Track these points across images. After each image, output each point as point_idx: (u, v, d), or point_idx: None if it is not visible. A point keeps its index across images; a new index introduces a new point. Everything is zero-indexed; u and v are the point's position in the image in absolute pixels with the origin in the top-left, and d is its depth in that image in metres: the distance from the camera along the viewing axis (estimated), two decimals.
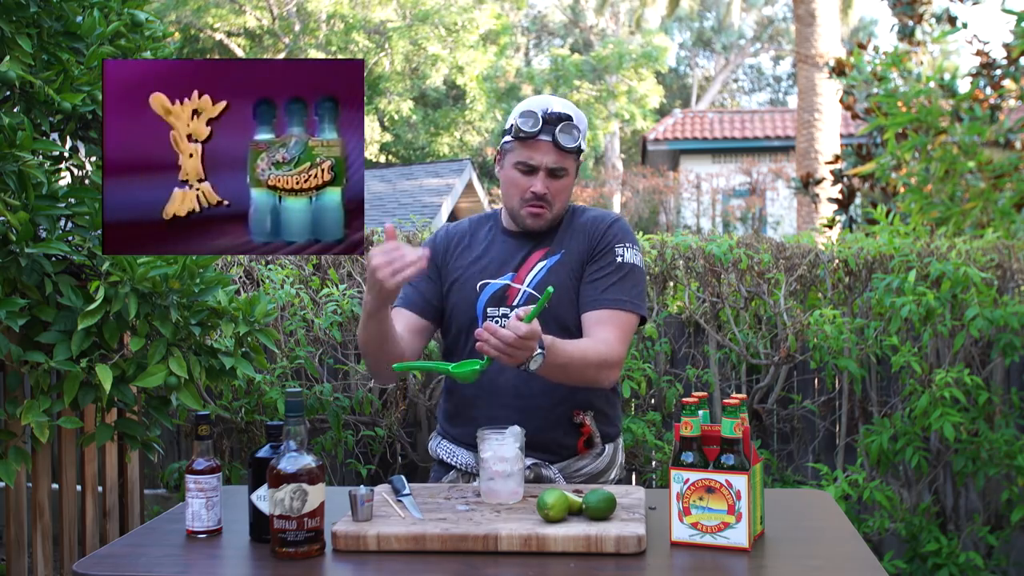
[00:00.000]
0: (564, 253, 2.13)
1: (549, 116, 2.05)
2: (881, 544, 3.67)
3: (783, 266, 3.80)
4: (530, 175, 2.08)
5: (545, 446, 2.07)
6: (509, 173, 2.12)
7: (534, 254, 2.14)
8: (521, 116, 2.06)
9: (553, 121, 2.05)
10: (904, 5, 8.42)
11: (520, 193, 2.10)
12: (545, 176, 2.07)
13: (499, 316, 2.09)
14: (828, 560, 1.63)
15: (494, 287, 2.12)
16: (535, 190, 2.07)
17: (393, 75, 19.91)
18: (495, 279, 2.13)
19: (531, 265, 2.13)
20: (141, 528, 1.91)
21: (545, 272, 2.11)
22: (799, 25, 11.12)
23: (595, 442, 2.13)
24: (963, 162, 5.30)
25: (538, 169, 2.07)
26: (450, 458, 2.15)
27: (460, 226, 2.27)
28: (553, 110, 2.06)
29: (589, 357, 1.98)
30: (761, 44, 31.04)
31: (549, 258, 2.13)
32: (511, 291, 2.11)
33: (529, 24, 28.29)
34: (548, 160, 2.06)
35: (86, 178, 2.68)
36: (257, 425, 3.49)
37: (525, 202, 2.10)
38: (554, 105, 2.08)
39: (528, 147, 2.07)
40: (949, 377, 3.35)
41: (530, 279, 2.11)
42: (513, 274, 2.12)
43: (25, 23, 2.42)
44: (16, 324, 2.29)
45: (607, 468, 2.16)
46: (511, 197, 2.13)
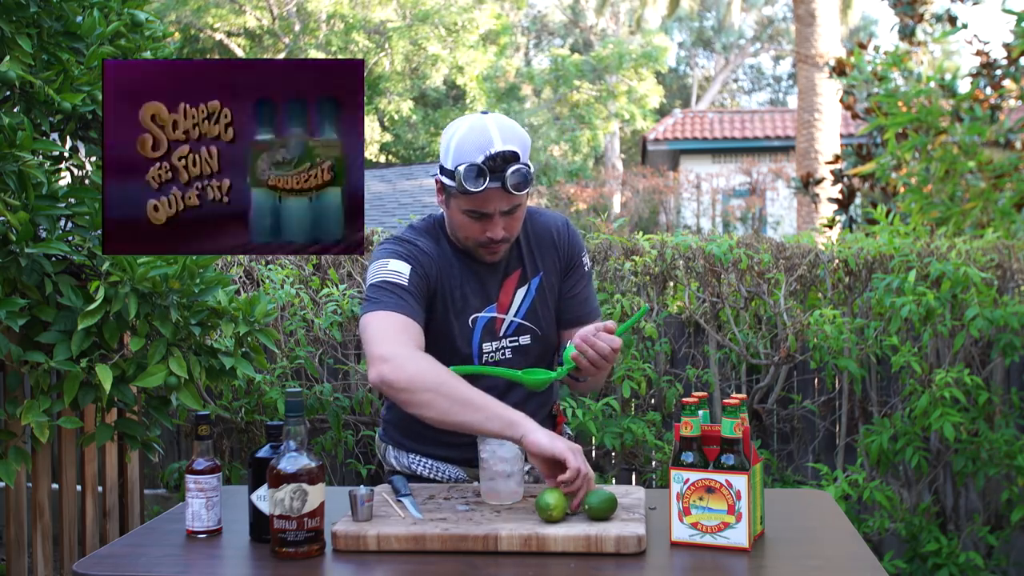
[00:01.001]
0: (543, 275, 2.08)
1: (494, 162, 1.84)
2: (881, 544, 3.67)
3: (783, 266, 3.80)
4: (483, 221, 1.93)
5: None
6: (457, 217, 1.95)
7: (507, 281, 2.05)
8: (465, 171, 1.84)
9: (499, 167, 1.85)
10: (904, 5, 8.41)
11: (474, 237, 1.95)
12: (498, 219, 1.92)
13: (492, 350, 2.02)
14: (828, 560, 1.63)
15: (483, 320, 2.02)
16: (491, 235, 1.93)
17: (393, 75, 19.90)
18: (479, 312, 2.02)
19: (510, 292, 2.04)
20: (141, 528, 1.91)
21: (531, 300, 2.05)
22: (799, 25, 11.12)
23: (567, 432, 2.18)
24: (963, 162, 5.30)
25: (492, 215, 1.91)
26: (433, 473, 2.08)
27: (429, 246, 2.02)
28: (496, 150, 1.84)
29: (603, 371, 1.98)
30: (761, 44, 31.04)
31: (529, 282, 2.06)
32: (497, 322, 2.03)
33: (529, 24, 28.29)
34: (502, 205, 1.90)
35: (86, 178, 2.68)
36: (257, 425, 3.49)
37: (481, 245, 1.97)
38: (495, 141, 1.86)
39: (476, 199, 1.89)
40: (949, 377, 3.35)
41: (515, 308, 2.04)
42: (494, 304, 2.03)
43: (25, 23, 2.42)
44: (16, 324, 2.29)
45: None
46: (463, 236, 1.98)
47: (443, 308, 2.00)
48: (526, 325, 2.05)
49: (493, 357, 2.03)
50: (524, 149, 1.90)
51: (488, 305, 2.03)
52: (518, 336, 2.05)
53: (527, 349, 2.06)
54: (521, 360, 2.05)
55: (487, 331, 2.02)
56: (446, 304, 2.00)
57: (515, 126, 1.93)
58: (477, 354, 2.02)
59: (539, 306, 2.06)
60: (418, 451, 2.11)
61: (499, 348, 2.04)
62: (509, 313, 2.04)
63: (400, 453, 2.14)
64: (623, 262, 3.79)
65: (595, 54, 21.90)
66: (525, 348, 2.05)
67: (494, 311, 2.03)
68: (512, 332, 2.04)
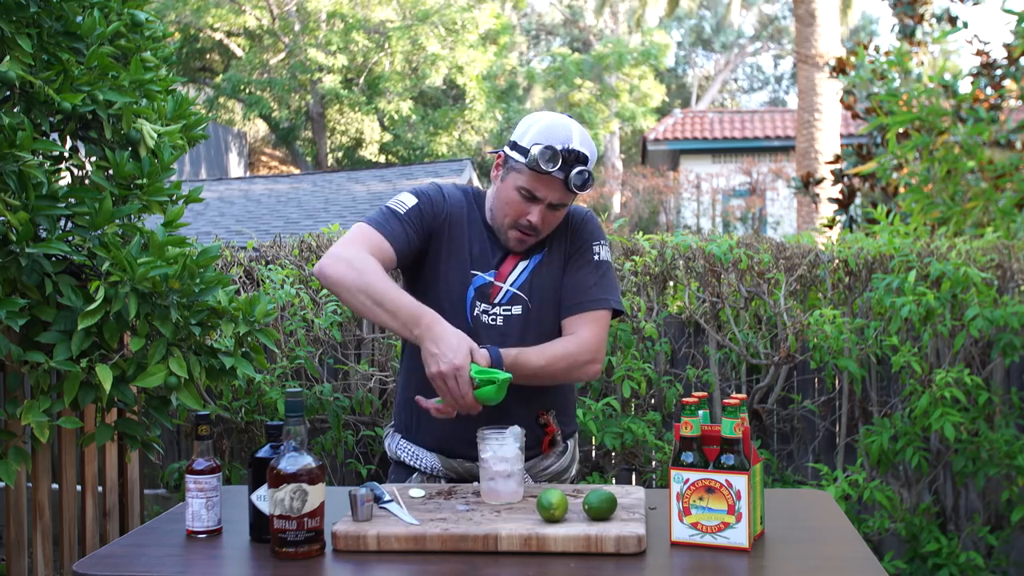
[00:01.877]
0: (546, 252, 2.13)
1: (567, 155, 1.99)
2: (881, 544, 3.67)
3: (783, 266, 3.80)
4: (529, 203, 2.03)
5: None
6: (508, 192, 2.06)
7: (512, 254, 2.12)
8: (542, 150, 1.97)
9: (571, 161, 1.99)
10: (905, 5, 8.41)
11: (513, 215, 2.05)
12: (544, 209, 2.04)
13: (481, 311, 2.08)
14: (828, 560, 1.63)
15: (480, 280, 2.10)
16: (531, 219, 2.04)
17: (393, 75, 19.89)
18: (480, 272, 2.11)
19: (511, 264, 2.11)
20: (141, 528, 1.91)
21: (528, 274, 2.11)
22: (799, 25, 11.12)
23: (557, 440, 2.16)
24: (964, 162, 5.30)
25: (541, 201, 2.03)
26: (413, 461, 2.14)
27: (456, 196, 2.17)
28: (572, 147, 2.00)
29: (556, 363, 2.01)
30: (761, 43, 31.04)
31: (531, 258, 2.12)
32: (494, 289, 2.10)
33: (528, 24, 28.28)
34: (554, 196, 2.02)
35: (86, 178, 2.68)
36: (257, 425, 3.50)
37: (515, 225, 2.06)
38: (574, 139, 2.02)
39: (539, 179, 2.01)
40: (949, 377, 3.35)
41: (512, 279, 2.10)
42: (495, 271, 2.10)
43: (25, 23, 2.42)
44: (16, 324, 2.29)
45: (570, 465, 2.20)
46: (502, 213, 2.08)
47: (444, 250, 2.10)
48: (519, 295, 2.09)
49: (482, 320, 2.08)
50: (593, 156, 2.05)
51: (489, 271, 2.10)
52: (511, 306, 2.10)
53: (516, 320, 2.09)
54: (511, 331, 2.08)
55: (481, 293, 2.09)
56: (448, 248, 2.10)
57: (589, 135, 2.08)
58: (470, 308, 2.08)
59: (533, 281, 2.11)
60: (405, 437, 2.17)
61: (490, 313, 2.09)
62: (506, 282, 2.10)
63: (393, 439, 2.21)
64: (623, 262, 3.79)
65: (595, 53, 21.90)
66: (515, 319, 2.09)
67: (492, 277, 2.10)
68: (507, 301, 2.09)
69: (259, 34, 21.30)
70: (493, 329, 2.08)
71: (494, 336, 2.06)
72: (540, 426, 2.13)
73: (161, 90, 2.75)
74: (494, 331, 2.07)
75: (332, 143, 21.93)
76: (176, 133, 2.74)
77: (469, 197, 2.19)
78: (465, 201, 2.16)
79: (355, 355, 3.82)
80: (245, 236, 7.84)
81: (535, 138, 2.01)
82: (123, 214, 2.50)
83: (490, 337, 2.05)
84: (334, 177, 12.36)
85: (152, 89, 2.69)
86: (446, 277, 2.10)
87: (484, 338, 2.04)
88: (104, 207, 2.43)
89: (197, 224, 9.05)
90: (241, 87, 20.35)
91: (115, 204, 2.53)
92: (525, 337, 2.07)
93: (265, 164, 23.67)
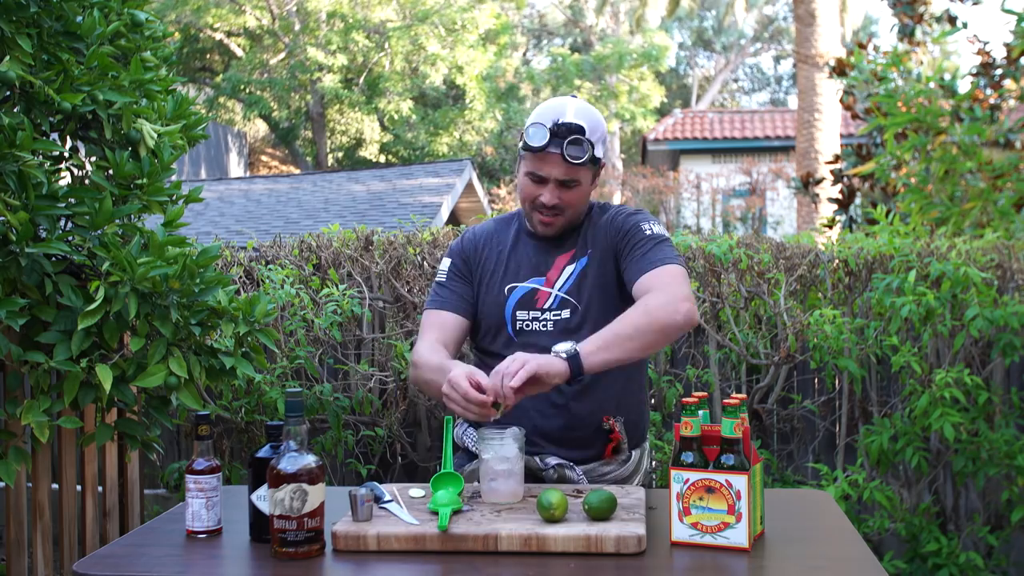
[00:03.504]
0: (591, 254, 2.13)
1: (559, 128, 2.01)
2: (881, 544, 3.67)
3: (783, 266, 3.80)
4: (539, 185, 2.07)
5: (573, 447, 2.07)
6: (521, 180, 2.12)
7: (560, 257, 2.15)
8: (531, 127, 2.03)
9: (563, 134, 2.01)
10: (904, 5, 8.41)
11: (530, 200, 2.10)
12: (555, 187, 2.06)
13: (528, 319, 2.10)
14: (828, 560, 1.63)
15: (522, 291, 2.13)
16: (543, 200, 2.07)
17: (393, 75, 19.89)
18: (522, 282, 2.13)
19: (560, 268, 2.13)
20: (141, 528, 1.91)
21: (576, 276, 2.12)
22: (799, 25, 11.12)
23: (622, 448, 2.13)
24: (963, 162, 5.30)
25: (547, 180, 2.06)
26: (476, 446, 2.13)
27: (486, 227, 2.27)
28: (564, 120, 2.02)
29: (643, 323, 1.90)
30: (761, 44, 31.04)
31: (577, 261, 2.13)
32: (540, 294, 2.11)
33: (528, 24, 28.28)
34: (557, 172, 2.04)
35: (86, 178, 2.68)
36: (257, 425, 3.49)
37: (535, 209, 2.11)
38: (567, 113, 2.04)
39: (537, 159, 2.05)
40: (949, 377, 3.35)
41: (561, 283, 2.12)
42: (543, 278, 2.13)
43: (25, 23, 2.42)
44: (16, 324, 2.29)
45: (632, 475, 2.16)
46: (523, 202, 2.14)
47: (480, 276, 2.19)
48: (567, 299, 2.10)
49: (529, 326, 2.10)
50: (593, 128, 2.05)
51: (535, 277, 2.13)
52: (560, 310, 2.10)
53: (568, 323, 2.09)
54: (563, 335, 2.05)
55: (524, 301, 2.11)
56: (484, 272, 2.19)
57: (593, 111, 2.09)
58: (510, 320, 2.11)
59: (582, 283, 2.11)
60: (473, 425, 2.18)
61: (537, 319, 2.10)
62: (555, 287, 2.11)
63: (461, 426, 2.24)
64: None
65: (595, 53, 21.90)
66: (566, 322, 2.09)
67: (540, 283, 2.12)
68: (556, 305, 2.10)
69: (259, 34, 21.30)
70: (543, 335, 2.08)
71: (546, 341, 2.02)
72: (604, 431, 2.11)
73: (161, 90, 2.75)
74: (544, 336, 2.08)
75: (332, 143, 21.93)
76: (176, 133, 2.74)
77: (509, 219, 2.26)
78: (501, 225, 2.25)
79: (355, 355, 3.82)
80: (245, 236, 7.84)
81: (530, 121, 2.06)
82: (123, 214, 2.50)
83: (541, 343, 2.02)
84: (334, 177, 12.37)
85: (152, 89, 2.69)
86: (484, 303, 2.17)
87: (534, 347, 2.00)
88: (104, 207, 2.43)
89: (197, 224, 9.05)
90: (241, 87, 20.36)
91: (115, 204, 2.53)
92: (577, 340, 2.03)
93: (265, 164, 23.67)
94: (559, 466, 2.04)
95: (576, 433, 2.08)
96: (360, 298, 3.75)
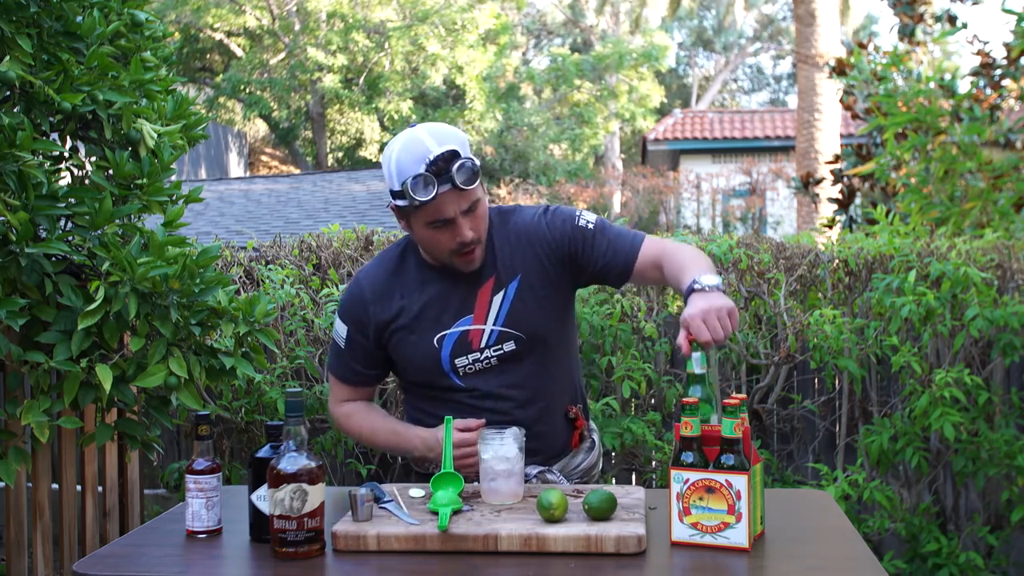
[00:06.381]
0: (522, 276, 2.01)
1: (436, 166, 1.84)
2: (881, 544, 3.67)
3: (783, 266, 3.80)
4: (447, 228, 1.91)
5: (544, 446, 2.06)
6: (423, 233, 1.94)
7: (481, 290, 2.00)
8: (412, 183, 1.84)
9: (443, 169, 1.84)
10: (904, 5, 8.41)
11: (446, 247, 1.93)
12: (463, 220, 1.90)
13: (469, 363, 2.01)
14: (828, 560, 1.63)
15: (452, 336, 2.00)
16: (462, 240, 1.91)
17: (393, 75, 19.89)
18: (450, 328, 2.00)
19: (485, 302, 2.00)
20: (141, 528, 1.91)
21: (510, 305, 2.00)
22: (799, 25, 11.12)
23: (586, 435, 2.14)
24: (963, 162, 5.29)
25: (454, 219, 1.89)
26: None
27: (377, 275, 2.06)
28: (435, 154, 1.84)
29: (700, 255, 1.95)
30: (761, 44, 31.04)
31: (504, 289, 2.00)
32: (473, 334, 1.99)
33: (529, 24, 28.27)
34: (460, 206, 1.89)
35: (86, 178, 2.68)
36: (257, 425, 3.49)
37: (456, 254, 1.94)
38: (431, 146, 1.86)
39: (432, 207, 1.87)
40: (949, 377, 3.35)
41: (493, 316, 1.99)
42: (470, 315, 2.00)
43: (25, 23, 2.42)
44: (16, 324, 2.29)
45: (597, 460, 2.18)
46: (437, 253, 1.97)
47: (394, 335, 2.04)
48: (507, 332, 2.00)
49: (472, 368, 2.01)
50: (462, 146, 1.89)
51: (462, 318, 2.00)
52: (501, 344, 2.01)
53: (515, 355, 2.01)
54: (514, 368, 2.01)
55: (459, 346, 2.00)
56: (397, 330, 2.03)
57: (447, 128, 1.93)
58: (450, 370, 2.01)
59: (521, 309, 2.00)
60: None
61: (478, 360, 2.01)
62: (488, 323, 2.00)
63: None
64: None
65: (595, 53, 21.89)
66: (512, 354, 2.01)
67: (469, 323, 2.00)
68: (494, 341, 2.00)
69: (259, 34, 21.30)
70: (490, 372, 2.01)
71: (494, 378, 2.00)
72: (569, 420, 2.09)
73: (161, 90, 2.75)
74: (492, 373, 2.01)
75: (332, 143, 21.93)
76: (176, 133, 2.74)
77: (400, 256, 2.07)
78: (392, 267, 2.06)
79: None
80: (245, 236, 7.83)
81: (399, 175, 1.88)
82: (123, 214, 2.50)
83: (489, 381, 2.00)
84: (334, 177, 12.37)
85: (152, 89, 2.69)
86: (411, 360, 2.03)
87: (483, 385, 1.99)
88: (104, 207, 2.43)
89: (197, 224, 9.05)
90: (241, 87, 20.35)
91: (115, 204, 2.53)
92: (528, 368, 2.01)
93: (265, 164, 23.67)
94: (540, 473, 2.04)
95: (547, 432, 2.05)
96: None
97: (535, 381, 2.04)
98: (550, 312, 2.05)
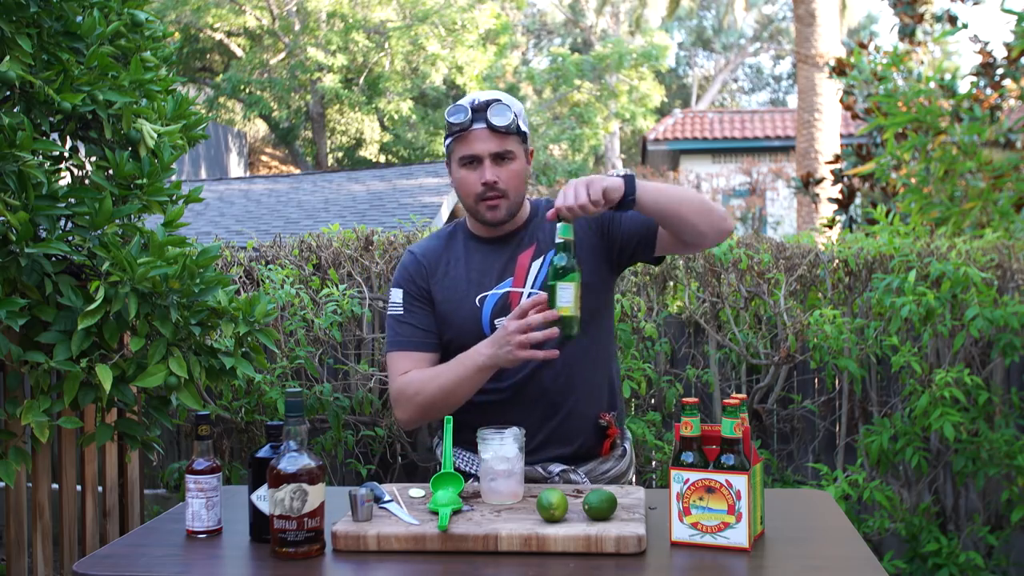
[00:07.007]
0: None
1: (477, 105, 2.02)
2: (881, 544, 3.67)
3: (783, 266, 3.80)
4: (476, 167, 2.04)
5: (572, 449, 2.07)
6: (457, 174, 2.08)
7: (521, 256, 2.09)
8: (451, 113, 2.04)
9: (482, 108, 2.02)
10: (904, 5, 8.41)
11: (473, 188, 2.05)
12: (491, 164, 2.03)
13: None
14: (828, 560, 1.63)
15: (494, 297, 2.06)
16: (485, 180, 2.02)
17: (393, 75, 19.89)
18: (491, 289, 2.07)
19: (524, 266, 2.08)
20: (141, 528, 1.91)
21: (546, 270, 2.06)
22: (799, 25, 11.12)
23: (618, 443, 2.14)
24: (963, 162, 5.30)
25: (482, 158, 2.03)
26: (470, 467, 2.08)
27: (428, 244, 2.20)
28: (480, 99, 2.03)
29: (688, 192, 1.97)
30: (761, 44, 31.04)
31: (545, 254, 2.08)
32: (513, 296, 2.05)
33: (529, 24, 28.28)
34: (489, 146, 2.02)
35: (86, 178, 2.68)
36: (257, 425, 3.50)
37: (480, 197, 2.04)
38: (480, 95, 2.06)
39: (466, 140, 2.03)
40: (949, 377, 3.35)
41: (531, 281, 2.06)
42: (510, 278, 2.07)
43: (25, 23, 2.42)
44: (16, 324, 2.29)
45: (627, 470, 2.17)
46: (467, 197, 2.08)
47: (443, 296, 2.11)
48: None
49: None
50: (510, 100, 2.06)
51: (502, 282, 2.08)
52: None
53: None
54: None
55: (500, 307, 2.06)
56: (444, 290, 2.11)
57: (505, 94, 2.09)
58: (490, 330, 2.05)
59: None
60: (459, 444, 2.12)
61: None
62: (526, 286, 2.07)
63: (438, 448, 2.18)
64: None
65: (595, 53, 21.89)
66: None
67: (509, 286, 2.07)
68: None
69: (259, 34, 21.30)
70: None
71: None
72: (601, 428, 2.10)
73: (161, 90, 2.75)
74: None
75: (332, 143, 21.93)
76: (176, 133, 2.74)
77: (451, 232, 2.20)
78: (446, 241, 2.18)
79: (355, 355, 3.82)
80: (245, 236, 7.84)
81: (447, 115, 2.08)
82: (123, 214, 2.50)
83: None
84: (334, 177, 12.36)
85: (152, 89, 2.69)
86: (453, 321, 2.09)
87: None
88: (104, 207, 2.43)
89: (197, 224, 9.05)
90: (241, 87, 20.36)
91: (115, 204, 2.53)
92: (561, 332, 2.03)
93: (265, 164, 23.67)
94: (563, 472, 2.04)
95: (575, 436, 2.07)
96: (360, 298, 3.75)
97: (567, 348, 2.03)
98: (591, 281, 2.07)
